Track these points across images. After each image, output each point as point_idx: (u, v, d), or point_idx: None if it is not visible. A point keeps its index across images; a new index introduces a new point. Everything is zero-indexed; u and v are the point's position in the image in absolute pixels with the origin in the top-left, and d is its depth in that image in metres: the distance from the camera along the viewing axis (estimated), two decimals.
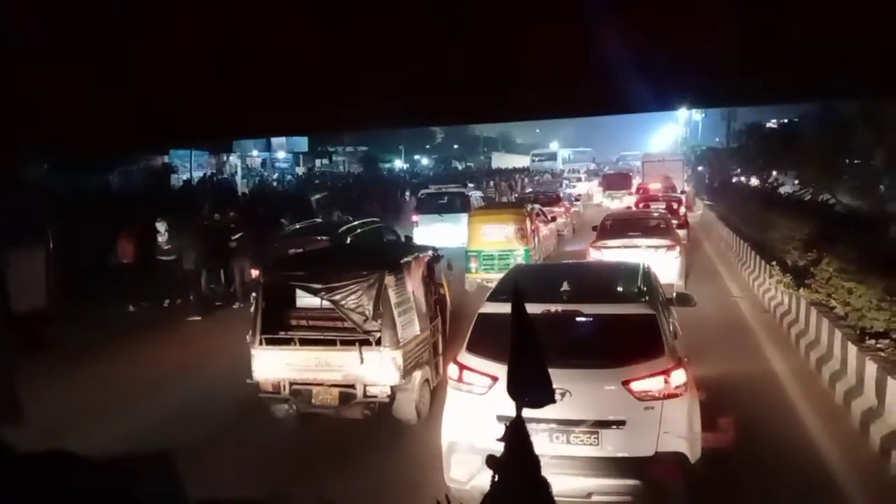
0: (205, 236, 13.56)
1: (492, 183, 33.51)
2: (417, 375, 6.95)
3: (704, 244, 19.93)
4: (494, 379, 4.84)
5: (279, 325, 7.11)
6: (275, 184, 36.29)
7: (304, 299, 7.32)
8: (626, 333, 5.11)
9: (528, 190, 29.16)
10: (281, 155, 44.13)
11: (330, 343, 6.78)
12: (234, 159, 39.73)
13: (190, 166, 34.30)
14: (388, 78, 2.71)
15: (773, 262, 11.46)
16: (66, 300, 8.33)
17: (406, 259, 7.46)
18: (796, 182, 22.56)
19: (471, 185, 27.58)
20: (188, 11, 2.62)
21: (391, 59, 2.64)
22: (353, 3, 2.60)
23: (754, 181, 27.62)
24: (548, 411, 2.31)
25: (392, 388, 6.66)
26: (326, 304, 6.91)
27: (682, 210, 20.09)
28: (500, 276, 9.11)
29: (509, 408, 2.11)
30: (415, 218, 20.31)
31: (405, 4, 2.57)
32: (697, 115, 51.74)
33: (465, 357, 5.18)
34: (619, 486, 4.72)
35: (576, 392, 4.68)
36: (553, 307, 5.08)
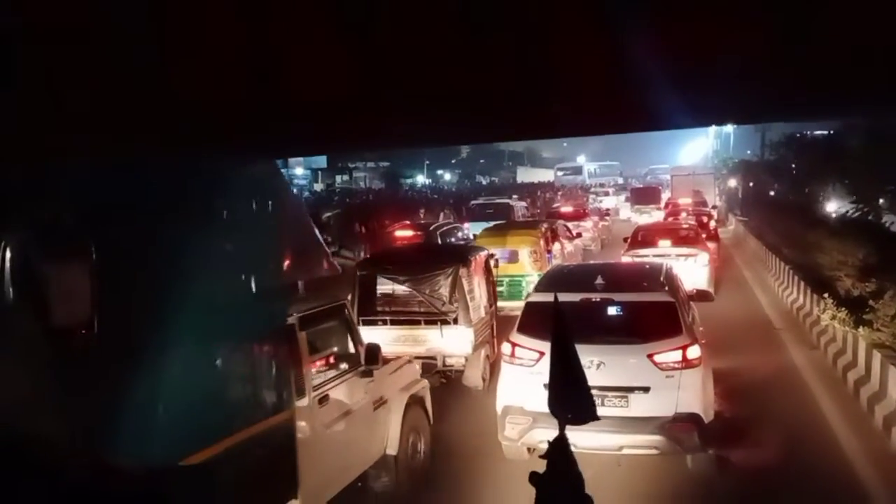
0: None
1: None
2: (482, 351, 8.97)
3: (739, 264, 20.24)
4: (541, 354, 6.28)
5: (370, 309, 9.00)
6: None
7: (382, 287, 9.27)
8: (650, 316, 6.56)
9: (556, 205, 30.61)
10: (299, 171, 45.59)
11: (416, 322, 8.73)
12: None
13: None
14: (423, 95, 2.78)
15: (826, 294, 10.55)
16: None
17: (473, 256, 9.50)
18: (853, 201, 20.90)
19: (515, 196, 31.77)
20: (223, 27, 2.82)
21: (426, 74, 2.71)
22: (387, 22, 2.70)
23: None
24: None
25: (466, 358, 8.61)
26: (399, 293, 8.97)
27: (713, 224, 21.58)
28: (511, 304, 10.49)
29: None
30: (466, 224, 23.61)
31: (443, 23, 2.67)
32: (729, 126, 52.65)
33: (517, 336, 6.67)
34: (644, 440, 6.14)
35: (609, 363, 6.13)
36: (590, 296, 6.55)
